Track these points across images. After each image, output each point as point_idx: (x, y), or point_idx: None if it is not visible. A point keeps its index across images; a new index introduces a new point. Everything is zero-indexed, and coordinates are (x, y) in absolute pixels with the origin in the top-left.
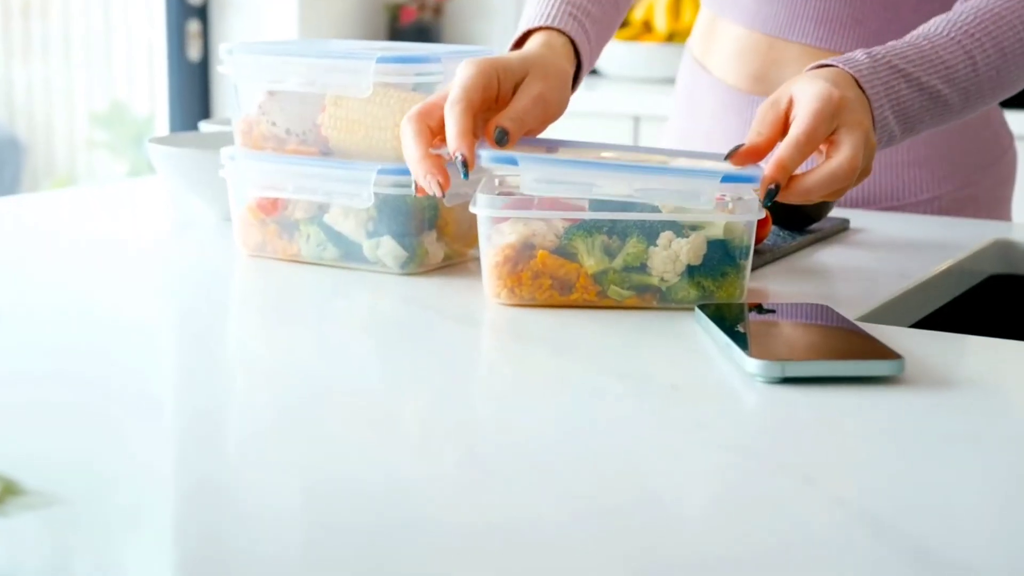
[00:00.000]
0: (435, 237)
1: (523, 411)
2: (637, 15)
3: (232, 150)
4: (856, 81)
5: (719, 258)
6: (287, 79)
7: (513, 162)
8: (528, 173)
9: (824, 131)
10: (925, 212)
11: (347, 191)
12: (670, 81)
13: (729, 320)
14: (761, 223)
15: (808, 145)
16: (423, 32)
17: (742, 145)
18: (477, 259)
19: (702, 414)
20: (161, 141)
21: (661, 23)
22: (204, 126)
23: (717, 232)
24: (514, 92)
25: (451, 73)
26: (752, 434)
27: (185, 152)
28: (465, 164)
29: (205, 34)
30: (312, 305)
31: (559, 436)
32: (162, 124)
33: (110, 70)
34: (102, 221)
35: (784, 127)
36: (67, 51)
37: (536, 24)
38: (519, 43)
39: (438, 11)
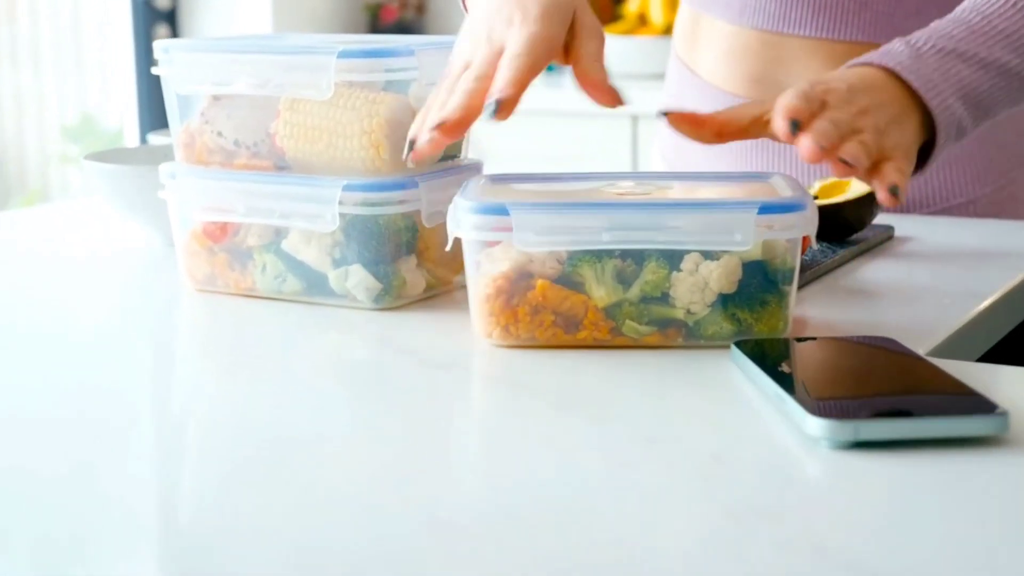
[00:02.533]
0: (414, 264)
1: (517, 483)
2: (632, 8)
3: (172, 167)
4: (896, 76)
5: (757, 284)
6: (234, 81)
7: (503, 212)
8: (523, 226)
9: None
10: (961, 216)
11: (308, 212)
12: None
13: (773, 359)
14: None
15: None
16: (406, 31)
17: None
18: (465, 287)
19: (755, 496)
20: (98, 157)
21: (657, 16)
22: (154, 138)
23: (754, 252)
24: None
25: (428, 68)
26: (824, 526)
27: (121, 170)
28: (498, 108)
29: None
30: (269, 348)
31: (562, 518)
32: (132, 137)
33: (81, 79)
34: (29, 248)
35: (748, 123)
36: (36, 59)
37: None
38: None
39: (421, 8)
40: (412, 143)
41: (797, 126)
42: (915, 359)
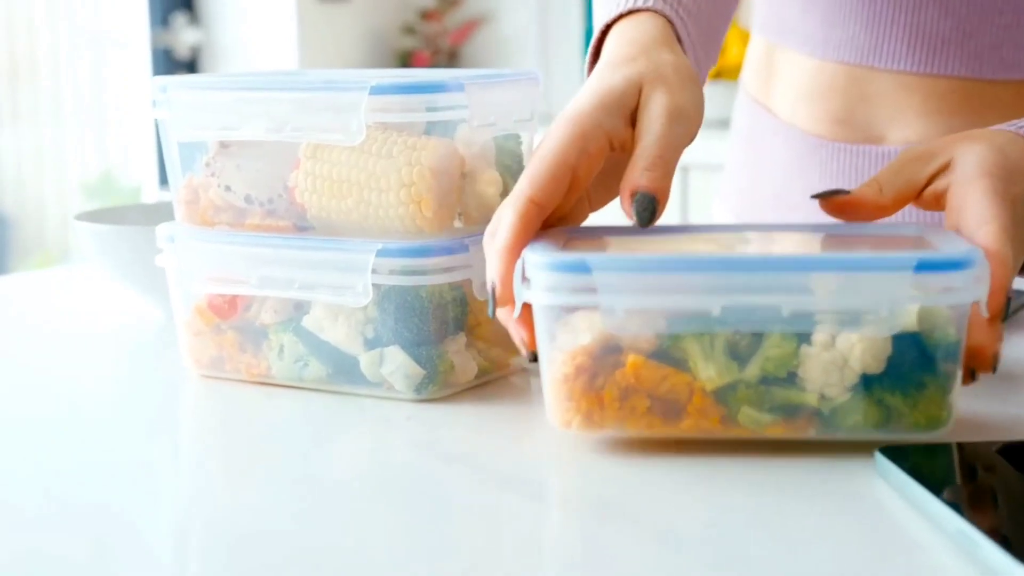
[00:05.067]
0: (464, 344)
1: None
2: None
3: (172, 228)
4: None
5: (911, 362)
6: (245, 124)
7: (584, 269)
8: (610, 288)
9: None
10: None
11: (334, 282)
12: (719, 124)
13: (941, 475)
14: None
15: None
16: None
17: (841, 191)
18: (527, 371)
19: None
20: (91, 216)
21: None
22: (164, 194)
23: (907, 322)
24: (634, 123)
25: (480, 107)
26: None
27: (112, 232)
28: (494, 299)
29: None
30: (288, 449)
31: None
32: (152, 193)
33: (102, 136)
34: (15, 316)
35: (919, 194)
36: (57, 117)
37: (615, 15)
38: (596, 53)
39: (453, 56)
40: (494, 291)
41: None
42: None
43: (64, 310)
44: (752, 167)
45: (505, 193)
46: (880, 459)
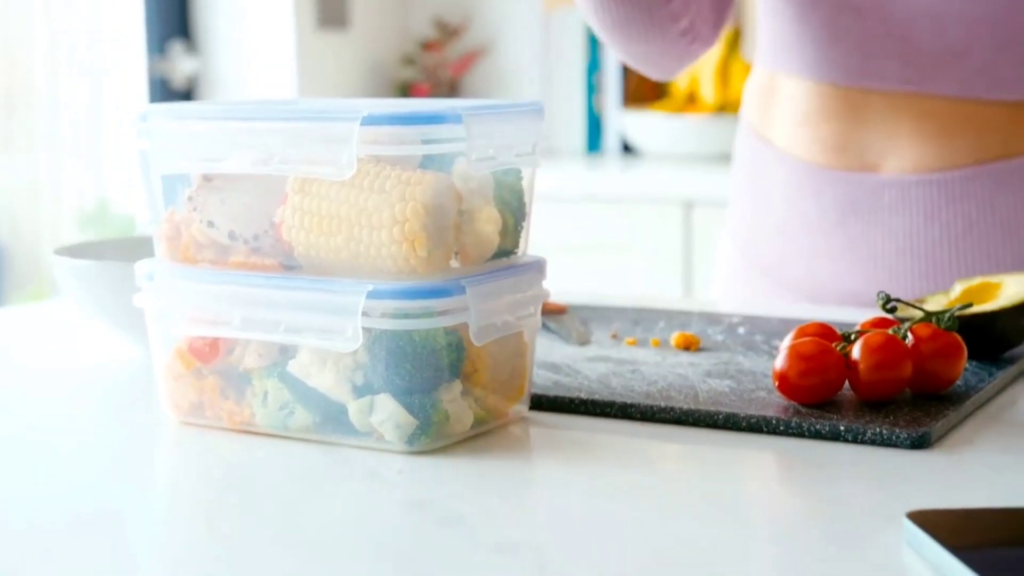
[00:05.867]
0: (459, 392)
1: None
2: (681, 86)
3: (151, 266)
4: None
5: None
6: (229, 156)
7: None
8: None
9: None
10: None
11: (322, 325)
12: (724, 158)
13: (973, 542)
14: (953, 355)
15: None
16: None
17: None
18: (526, 420)
19: None
20: (70, 251)
21: (708, 93)
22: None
23: None
24: None
25: (479, 139)
26: None
27: (89, 267)
28: None
29: None
30: (271, 502)
31: None
32: (145, 224)
33: (98, 165)
34: None
35: None
36: (53, 146)
37: None
38: None
39: (454, 87)
40: None
41: None
42: None
43: (41, 348)
44: (752, 199)
45: (505, 231)
46: (908, 526)
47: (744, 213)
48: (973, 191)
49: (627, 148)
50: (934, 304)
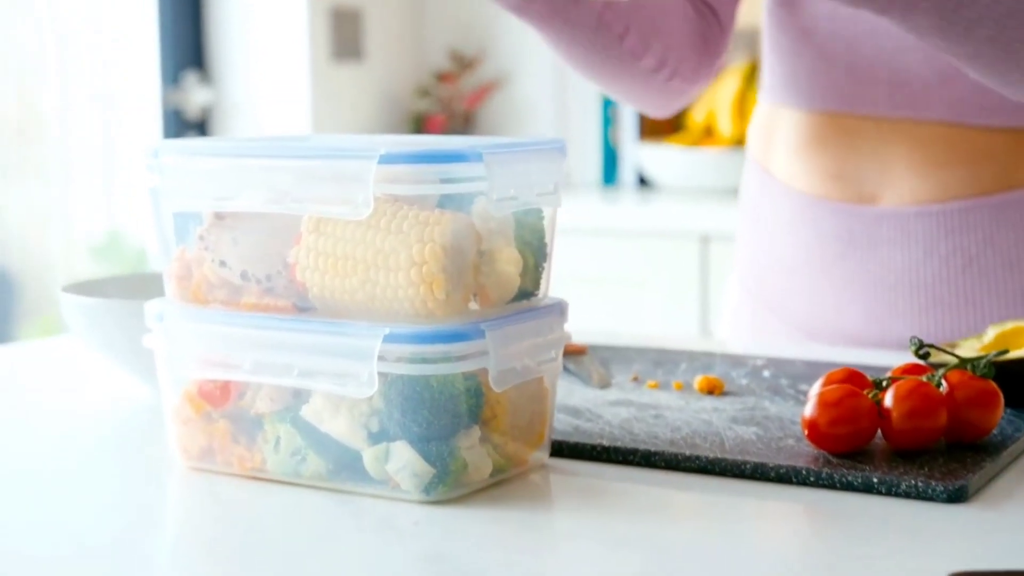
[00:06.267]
0: (477, 439)
1: None
2: (697, 118)
3: (161, 306)
4: None
5: None
6: (241, 194)
7: None
8: None
9: None
10: None
11: (337, 369)
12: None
13: None
14: (989, 403)
15: None
16: None
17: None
18: (546, 468)
19: None
20: (77, 288)
21: (725, 126)
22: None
23: None
24: None
25: (500, 179)
26: None
27: (98, 305)
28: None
29: None
30: (279, 556)
31: None
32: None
33: (111, 197)
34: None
35: None
36: (65, 177)
37: None
38: None
39: (468, 119)
40: None
41: None
42: None
43: (49, 385)
44: (755, 231)
45: (525, 272)
46: None
47: (748, 246)
48: (972, 225)
49: (643, 181)
50: (967, 349)
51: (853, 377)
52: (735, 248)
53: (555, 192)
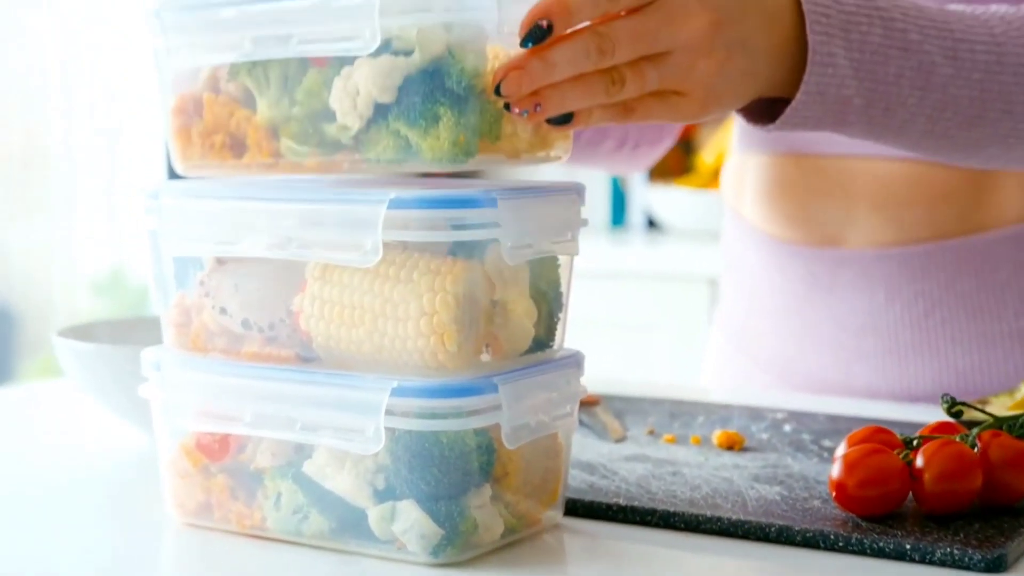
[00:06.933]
0: (489, 497)
1: None
2: (707, 160)
3: (158, 354)
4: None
5: (422, 93)
6: (243, 238)
7: None
8: None
9: None
10: None
11: (341, 424)
12: None
13: None
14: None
15: None
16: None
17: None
18: (560, 528)
19: None
20: (73, 332)
21: None
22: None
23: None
24: None
25: (513, 224)
26: None
27: (93, 351)
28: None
29: None
30: None
31: None
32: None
33: (114, 233)
34: None
35: None
36: (69, 212)
37: None
38: None
39: None
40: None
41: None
42: None
43: (43, 431)
44: (730, 275)
45: (540, 323)
46: None
47: (726, 291)
48: (933, 270)
49: (652, 223)
50: (997, 405)
51: (882, 435)
52: (720, 299)
53: (572, 239)
